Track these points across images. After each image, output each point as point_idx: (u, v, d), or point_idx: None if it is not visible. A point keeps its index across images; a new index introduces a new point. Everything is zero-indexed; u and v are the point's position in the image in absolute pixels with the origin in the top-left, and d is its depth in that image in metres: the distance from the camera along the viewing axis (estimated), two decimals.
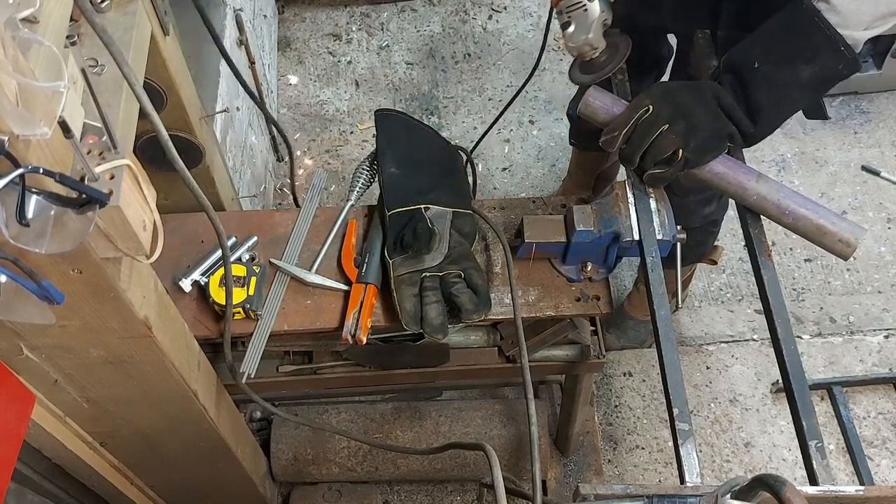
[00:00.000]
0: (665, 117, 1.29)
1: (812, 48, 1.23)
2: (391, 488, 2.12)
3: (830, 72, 1.25)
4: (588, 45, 1.37)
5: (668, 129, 1.29)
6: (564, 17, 1.36)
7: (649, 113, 1.30)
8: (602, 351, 1.63)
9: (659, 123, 1.29)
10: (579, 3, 1.34)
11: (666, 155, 1.30)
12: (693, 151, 1.30)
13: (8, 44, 0.64)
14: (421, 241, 1.41)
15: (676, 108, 1.29)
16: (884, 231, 2.52)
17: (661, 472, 2.18)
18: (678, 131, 1.28)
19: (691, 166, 1.33)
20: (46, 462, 1.36)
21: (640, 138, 1.31)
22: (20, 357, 1.04)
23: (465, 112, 2.81)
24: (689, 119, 1.28)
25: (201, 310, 1.45)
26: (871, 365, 2.30)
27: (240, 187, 2.04)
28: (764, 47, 1.28)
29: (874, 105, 2.76)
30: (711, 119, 1.29)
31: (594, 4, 1.33)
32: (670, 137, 1.29)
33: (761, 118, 1.30)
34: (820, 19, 1.20)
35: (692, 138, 1.29)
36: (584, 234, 1.39)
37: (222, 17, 2.05)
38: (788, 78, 1.26)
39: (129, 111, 1.09)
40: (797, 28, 1.24)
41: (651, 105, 1.30)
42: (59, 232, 0.75)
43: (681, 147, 1.29)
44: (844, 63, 1.23)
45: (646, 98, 1.32)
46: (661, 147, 1.30)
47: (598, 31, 1.36)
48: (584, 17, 1.34)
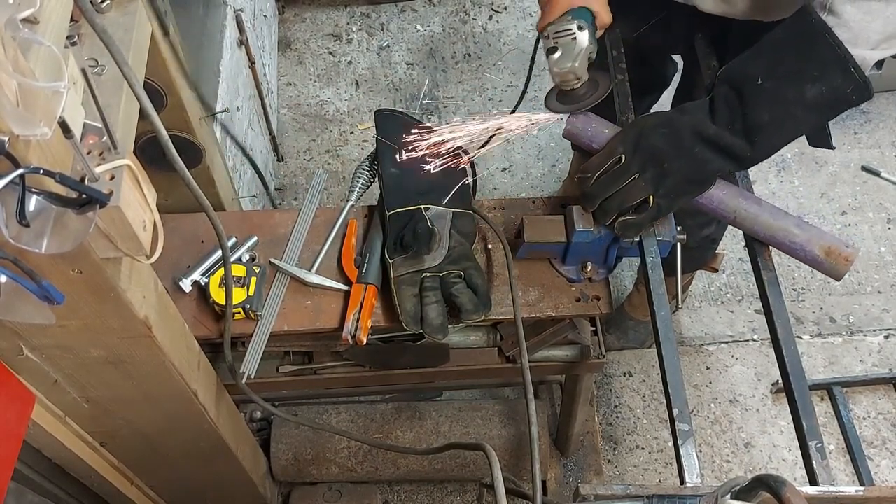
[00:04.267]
0: (636, 167, 1.27)
1: (819, 66, 1.17)
2: (391, 488, 2.12)
3: (838, 94, 1.18)
4: (572, 73, 1.34)
5: (638, 177, 1.27)
6: (551, 42, 1.33)
7: (620, 164, 1.29)
8: (602, 351, 1.63)
9: (630, 173, 1.28)
10: (569, 30, 1.31)
11: (635, 202, 1.29)
12: (664, 197, 1.28)
13: (8, 44, 0.64)
14: (421, 242, 1.41)
15: (648, 156, 1.27)
16: (884, 231, 2.52)
17: (661, 472, 2.18)
18: (647, 178, 1.27)
19: (664, 212, 1.31)
20: (46, 462, 1.36)
21: (606, 185, 1.30)
22: (20, 357, 1.04)
23: (464, 112, 2.81)
24: (660, 165, 1.26)
25: (201, 310, 1.45)
26: (871, 365, 2.30)
27: (240, 187, 2.04)
28: (767, 62, 1.22)
29: (874, 105, 2.75)
30: (686, 163, 1.26)
31: (584, 34, 1.31)
32: (640, 185, 1.27)
33: (761, 138, 1.23)
34: (829, 35, 1.14)
35: (662, 185, 1.27)
36: (584, 235, 1.39)
37: (222, 17, 2.05)
38: (793, 96, 1.19)
39: (129, 111, 1.09)
40: (804, 44, 1.18)
41: (623, 155, 1.29)
42: (59, 232, 0.75)
43: (651, 194, 1.27)
44: (854, 87, 1.17)
45: (619, 145, 1.31)
46: (630, 194, 1.28)
47: (583, 62, 1.33)
48: (571, 45, 1.32)
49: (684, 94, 1.78)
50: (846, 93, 1.18)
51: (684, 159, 1.26)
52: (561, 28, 1.32)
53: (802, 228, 1.33)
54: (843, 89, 1.18)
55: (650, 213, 1.30)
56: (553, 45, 1.34)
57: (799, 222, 1.35)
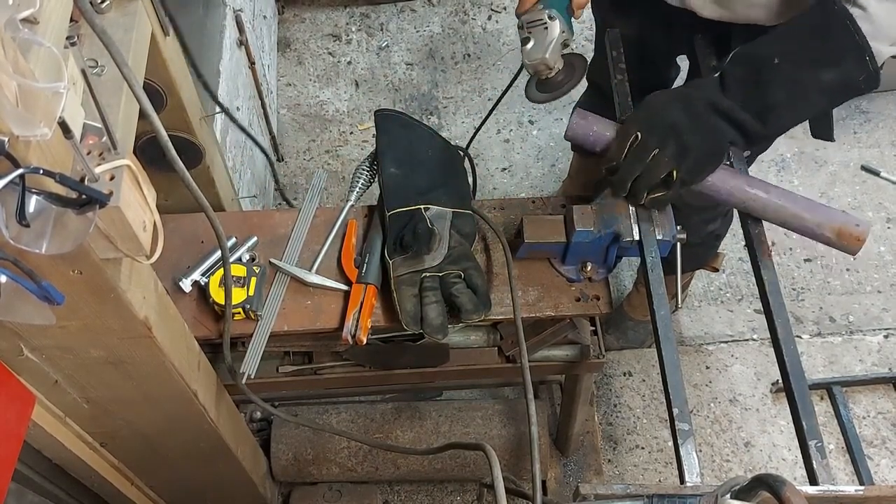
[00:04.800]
0: (655, 142, 1.27)
1: (838, 52, 1.19)
2: (391, 488, 2.12)
3: (851, 81, 1.21)
4: (544, 64, 1.34)
5: (659, 153, 1.27)
6: (525, 32, 1.34)
7: (638, 141, 1.28)
8: (602, 351, 1.63)
9: (650, 149, 1.27)
10: (540, 20, 1.32)
11: (660, 178, 1.29)
12: (688, 171, 1.28)
13: (8, 44, 0.64)
14: (421, 242, 1.41)
15: (665, 130, 1.27)
16: (883, 231, 2.52)
17: (661, 471, 2.19)
18: (670, 154, 1.26)
19: (689, 185, 1.31)
20: (46, 462, 1.36)
21: (630, 166, 1.30)
22: (20, 357, 1.04)
23: (464, 112, 2.81)
24: (679, 138, 1.26)
25: (201, 310, 1.45)
26: (871, 365, 2.30)
27: (240, 187, 2.04)
28: (787, 45, 1.24)
29: (874, 105, 2.76)
30: (704, 134, 1.27)
31: (555, 24, 1.31)
32: (663, 161, 1.27)
33: (773, 116, 1.26)
34: (852, 24, 1.16)
35: (685, 158, 1.27)
36: (584, 234, 1.39)
37: (222, 17, 2.05)
38: (809, 79, 1.22)
39: (129, 111, 1.09)
40: (825, 30, 1.20)
41: (639, 132, 1.28)
42: (59, 232, 0.75)
43: (675, 169, 1.27)
44: (866, 75, 1.19)
45: (633, 125, 1.30)
46: (655, 172, 1.28)
47: (555, 51, 1.33)
48: (543, 34, 1.32)
49: None
50: (858, 80, 1.21)
51: (702, 130, 1.27)
52: (533, 18, 1.34)
53: (813, 212, 1.34)
54: (856, 77, 1.20)
55: (676, 187, 1.30)
56: (526, 36, 1.35)
57: (809, 205, 1.35)
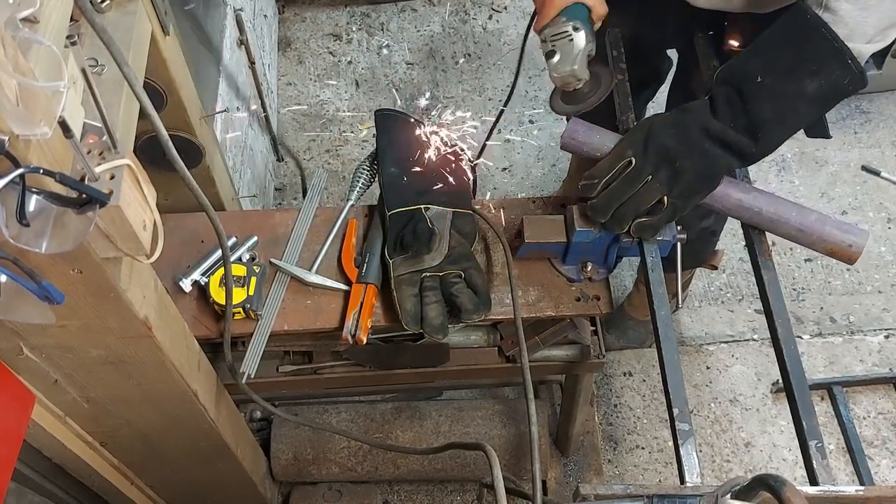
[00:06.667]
0: (649, 169, 1.26)
1: (817, 61, 1.19)
2: (391, 488, 2.12)
3: (836, 86, 1.20)
4: (573, 76, 1.32)
5: (651, 179, 1.26)
6: (549, 45, 1.31)
7: (632, 167, 1.27)
8: (602, 351, 1.63)
9: (644, 175, 1.26)
10: (565, 32, 1.29)
11: (650, 205, 1.28)
12: (678, 197, 1.27)
13: (8, 44, 0.64)
14: (421, 242, 1.41)
15: (660, 156, 1.26)
16: (884, 231, 2.51)
17: (661, 472, 2.18)
18: (662, 179, 1.26)
19: (679, 212, 1.30)
20: (46, 462, 1.36)
21: (619, 191, 1.29)
22: (20, 357, 1.04)
23: (464, 112, 2.81)
24: (673, 164, 1.25)
25: (201, 310, 1.45)
26: (872, 365, 2.30)
27: (240, 187, 2.04)
28: (766, 60, 1.23)
29: (874, 105, 2.75)
30: (698, 160, 1.26)
31: (580, 35, 1.28)
32: (654, 187, 1.26)
33: (764, 133, 1.24)
34: (826, 29, 1.16)
35: (676, 185, 1.26)
36: (584, 234, 1.39)
37: (222, 17, 2.05)
38: (793, 91, 1.20)
39: (129, 111, 1.09)
40: (801, 40, 1.19)
41: (634, 158, 1.27)
42: (59, 232, 0.75)
43: (665, 194, 1.27)
44: (851, 78, 1.18)
45: (628, 147, 1.29)
46: (645, 197, 1.27)
47: (582, 63, 1.31)
48: (569, 47, 1.29)
49: (680, 88, 1.77)
50: (843, 84, 1.20)
51: (696, 156, 1.26)
52: (557, 31, 1.31)
53: (805, 230, 1.33)
54: (840, 81, 1.20)
55: (666, 214, 1.29)
56: (551, 49, 1.32)
57: (802, 224, 1.33)
